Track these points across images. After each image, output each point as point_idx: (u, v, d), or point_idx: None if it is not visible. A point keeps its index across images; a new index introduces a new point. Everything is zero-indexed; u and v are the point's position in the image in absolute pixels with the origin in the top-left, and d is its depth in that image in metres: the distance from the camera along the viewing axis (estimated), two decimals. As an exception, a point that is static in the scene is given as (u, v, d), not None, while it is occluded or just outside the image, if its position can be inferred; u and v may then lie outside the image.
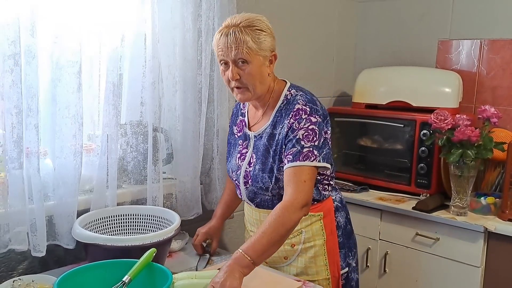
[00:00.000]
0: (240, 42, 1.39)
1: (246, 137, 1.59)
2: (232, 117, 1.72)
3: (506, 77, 2.30)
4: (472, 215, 2.04)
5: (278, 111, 1.51)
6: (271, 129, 1.51)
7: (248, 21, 1.41)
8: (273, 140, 1.49)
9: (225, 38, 1.40)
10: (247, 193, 1.58)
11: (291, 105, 1.48)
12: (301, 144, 1.42)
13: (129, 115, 1.76)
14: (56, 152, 1.54)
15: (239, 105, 1.69)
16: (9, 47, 1.36)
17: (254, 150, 1.54)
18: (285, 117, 1.48)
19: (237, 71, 1.43)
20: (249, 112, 1.63)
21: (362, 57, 2.78)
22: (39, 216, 1.47)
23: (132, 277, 1.18)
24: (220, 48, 1.43)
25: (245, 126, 1.61)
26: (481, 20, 2.35)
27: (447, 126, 2.02)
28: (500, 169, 2.19)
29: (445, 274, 2.06)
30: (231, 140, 1.67)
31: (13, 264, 1.53)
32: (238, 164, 1.58)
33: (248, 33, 1.40)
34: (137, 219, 1.66)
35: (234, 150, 1.62)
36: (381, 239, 2.24)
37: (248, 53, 1.40)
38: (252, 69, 1.43)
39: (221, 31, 1.43)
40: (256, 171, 1.51)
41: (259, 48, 1.42)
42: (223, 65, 1.47)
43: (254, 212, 1.61)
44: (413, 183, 2.25)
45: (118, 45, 1.64)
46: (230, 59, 1.42)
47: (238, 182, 1.59)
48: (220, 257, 1.68)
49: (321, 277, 1.56)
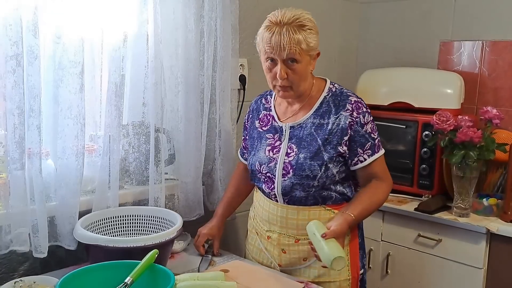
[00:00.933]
0: (293, 43, 1.40)
1: (277, 129, 1.57)
2: (250, 112, 1.70)
3: (508, 78, 2.29)
4: (474, 216, 2.04)
5: (324, 103, 1.53)
6: (318, 119, 1.52)
7: (300, 21, 1.42)
8: (321, 130, 1.50)
9: (278, 37, 1.40)
10: (283, 186, 1.53)
11: (342, 97, 1.53)
12: (372, 137, 1.53)
13: (131, 116, 1.76)
14: (58, 153, 1.53)
15: (260, 100, 1.68)
16: (11, 47, 1.36)
17: (293, 141, 1.53)
18: (340, 108, 1.51)
19: (286, 69, 1.44)
20: (277, 107, 1.62)
21: (364, 58, 2.78)
22: (40, 217, 1.47)
23: (134, 279, 1.18)
24: (270, 46, 1.42)
25: (273, 119, 1.60)
26: (482, 21, 2.35)
27: (449, 127, 2.02)
28: (502, 170, 2.19)
29: (448, 275, 2.06)
30: (253, 134, 1.64)
31: (15, 265, 1.52)
32: (270, 157, 1.55)
33: (301, 33, 1.41)
34: (139, 220, 1.66)
35: (260, 144, 1.60)
36: (383, 240, 2.23)
37: (300, 53, 1.42)
38: (300, 69, 1.45)
39: (271, 29, 1.42)
40: (301, 160, 1.50)
41: (310, 48, 1.44)
42: (269, 62, 1.47)
43: (280, 209, 1.55)
44: (415, 184, 2.24)
45: (120, 46, 1.64)
46: (280, 58, 1.42)
47: (272, 175, 1.55)
48: (222, 257, 1.68)
49: (342, 278, 1.56)
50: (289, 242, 1.56)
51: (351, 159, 1.53)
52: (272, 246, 1.60)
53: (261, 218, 1.63)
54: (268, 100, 1.66)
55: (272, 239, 1.59)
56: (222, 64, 1.93)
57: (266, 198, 1.60)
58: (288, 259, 1.58)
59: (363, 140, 1.51)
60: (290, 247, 1.57)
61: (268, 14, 1.52)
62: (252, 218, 1.71)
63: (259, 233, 1.66)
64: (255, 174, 1.62)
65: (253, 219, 1.71)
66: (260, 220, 1.65)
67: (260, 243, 1.66)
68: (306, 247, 1.53)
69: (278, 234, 1.57)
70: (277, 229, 1.57)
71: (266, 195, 1.60)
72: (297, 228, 1.54)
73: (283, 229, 1.56)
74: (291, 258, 1.57)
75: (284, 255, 1.58)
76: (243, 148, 1.76)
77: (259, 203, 1.64)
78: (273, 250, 1.61)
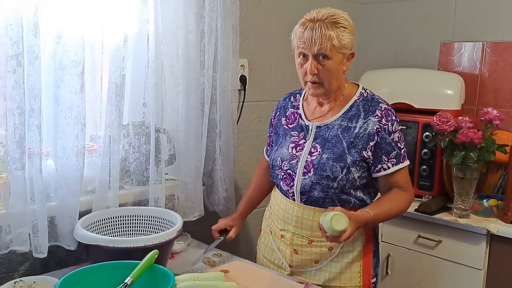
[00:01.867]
0: (325, 38, 1.41)
1: (303, 128, 1.58)
2: (278, 109, 1.70)
3: (509, 80, 2.29)
4: (475, 217, 2.04)
5: (353, 106, 1.54)
6: (346, 122, 1.52)
7: (334, 18, 1.44)
8: (347, 133, 1.51)
9: (310, 32, 1.42)
10: (303, 184, 1.53)
11: (373, 102, 1.53)
12: (398, 146, 1.52)
13: (131, 116, 1.76)
14: (58, 153, 1.53)
15: (289, 97, 1.69)
16: (12, 47, 1.36)
17: (318, 141, 1.54)
18: (369, 113, 1.51)
19: (316, 65, 1.45)
20: (306, 106, 1.63)
21: (364, 59, 2.78)
22: (40, 217, 1.47)
23: (134, 279, 1.18)
24: (302, 41, 1.44)
25: (300, 118, 1.61)
26: (483, 22, 2.35)
27: (450, 128, 2.02)
28: (502, 171, 2.19)
29: (448, 276, 2.06)
30: (279, 131, 1.65)
31: (14, 265, 1.52)
32: (293, 154, 1.56)
33: (333, 29, 1.42)
34: (139, 220, 1.66)
35: (284, 140, 1.60)
36: (383, 241, 2.23)
37: (331, 50, 1.43)
38: (331, 66, 1.45)
39: (305, 25, 1.45)
40: (323, 160, 1.50)
41: (342, 46, 1.44)
42: (301, 58, 1.48)
43: (297, 208, 1.55)
44: (415, 185, 2.24)
45: (121, 46, 1.63)
46: (311, 53, 1.44)
47: (293, 172, 1.55)
48: (222, 258, 1.68)
49: (353, 284, 1.55)
50: (302, 243, 1.56)
51: (375, 166, 1.52)
52: (284, 246, 1.60)
53: (277, 216, 1.63)
54: (297, 98, 1.67)
55: (285, 238, 1.59)
56: (222, 64, 1.93)
57: (283, 197, 1.60)
58: (300, 260, 1.57)
59: (389, 148, 1.51)
60: (303, 247, 1.56)
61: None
62: (268, 217, 1.71)
63: (273, 231, 1.66)
64: (274, 170, 1.62)
65: (268, 218, 1.71)
66: (275, 219, 1.64)
67: (273, 243, 1.66)
68: (319, 249, 1.54)
69: (292, 234, 1.57)
70: (291, 229, 1.57)
71: (284, 193, 1.60)
72: (311, 229, 1.54)
73: (297, 229, 1.56)
74: (303, 260, 1.57)
75: (296, 256, 1.58)
76: (268, 145, 1.77)
77: (276, 201, 1.64)
78: (285, 250, 1.60)
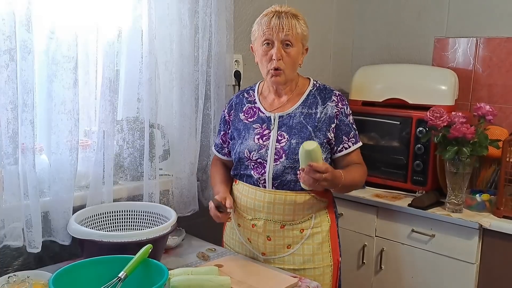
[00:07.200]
0: (291, 25, 1.55)
1: (264, 120, 1.65)
2: (231, 107, 1.73)
3: (502, 75, 2.30)
4: (467, 212, 2.05)
5: (310, 95, 1.66)
6: (306, 109, 1.63)
7: (294, 12, 1.59)
8: (310, 118, 1.62)
9: (277, 20, 1.54)
10: (275, 170, 1.59)
11: (327, 91, 1.67)
12: (353, 127, 1.67)
13: (125, 111, 1.76)
14: (52, 148, 1.53)
15: (242, 94, 1.74)
16: (4, 42, 1.35)
17: (283, 129, 1.62)
18: (327, 99, 1.64)
19: (281, 52, 1.56)
20: (262, 100, 1.70)
21: (359, 55, 2.78)
22: (34, 212, 1.47)
23: (128, 273, 1.18)
24: (269, 28, 1.55)
25: (260, 111, 1.67)
26: (477, 18, 2.36)
27: (443, 124, 2.03)
28: (495, 166, 2.20)
29: (441, 270, 2.07)
30: (239, 126, 1.68)
31: (8, 260, 1.52)
32: (260, 144, 1.62)
33: (296, 20, 1.57)
34: (133, 215, 1.67)
35: (248, 134, 1.65)
36: (377, 236, 2.24)
37: (295, 37, 1.56)
38: (294, 53, 1.58)
39: (270, 15, 1.57)
40: (293, 145, 1.59)
41: (303, 36, 1.59)
42: (265, 46, 1.58)
43: (268, 195, 1.60)
44: (409, 180, 2.25)
45: (114, 41, 1.63)
46: (278, 39, 1.55)
47: (263, 160, 1.60)
48: (216, 253, 1.69)
49: (325, 264, 1.65)
50: (275, 228, 1.62)
51: (337, 146, 1.64)
52: (256, 235, 1.64)
53: (245, 207, 1.65)
54: (250, 94, 1.73)
55: (257, 227, 1.63)
56: (217, 59, 1.93)
57: (251, 186, 1.64)
58: (273, 247, 1.63)
59: (347, 129, 1.65)
60: (276, 233, 1.62)
61: (262, 9, 1.56)
62: (232, 212, 1.71)
63: (241, 224, 1.69)
64: (242, 162, 1.65)
65: (234, 213, 1.71)
66: (244, 210, 1.67)
67: (241, 236, 1.69)
68: (291, 233, 1.62)
69: (264, 221, 1.62)
70: (263, 216, 1.62)
71: (253, 183, 1.63)
72: (283, 213, 1.61)
73: (269, 215, 1.61)
74: (276, 246, 1.63)
75: (269, 242, 1.63)
76: (222, 143, 1.77)
77: (243, 193, 1.66)
78: (257, 238, 1.64)
